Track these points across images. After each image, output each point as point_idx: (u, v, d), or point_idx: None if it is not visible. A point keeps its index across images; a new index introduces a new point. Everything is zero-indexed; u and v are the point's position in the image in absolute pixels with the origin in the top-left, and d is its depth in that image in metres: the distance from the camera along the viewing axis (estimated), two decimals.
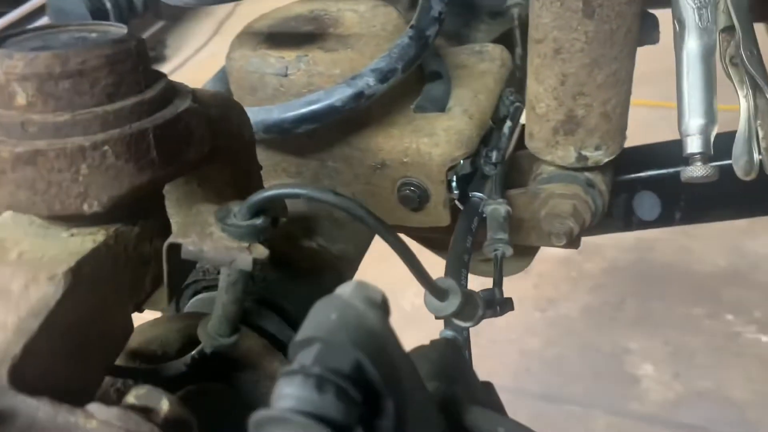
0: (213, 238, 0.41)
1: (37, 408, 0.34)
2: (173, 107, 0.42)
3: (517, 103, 0.74)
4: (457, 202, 0.70)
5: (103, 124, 0.38)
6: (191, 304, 0.62)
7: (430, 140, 0.65)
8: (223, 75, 0.72)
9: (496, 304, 0.59)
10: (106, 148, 0.38)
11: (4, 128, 0.38)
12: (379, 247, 0.75)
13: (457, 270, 0.62)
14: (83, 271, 0.39)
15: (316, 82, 0.64)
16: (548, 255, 2.78)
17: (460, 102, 0.68)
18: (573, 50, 0.62)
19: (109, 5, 0.71)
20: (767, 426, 2.10)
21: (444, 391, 0.40)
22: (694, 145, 0.57)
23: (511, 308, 0.61)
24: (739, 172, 0.57)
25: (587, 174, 0.71)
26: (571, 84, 0.64)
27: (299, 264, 0.61)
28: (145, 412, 0.35)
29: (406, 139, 0.65)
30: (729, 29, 0.56)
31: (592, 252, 2.71)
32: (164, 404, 0.36)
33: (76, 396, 0.37)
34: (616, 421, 2.25)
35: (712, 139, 0.57)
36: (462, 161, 0.67)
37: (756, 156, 0.55)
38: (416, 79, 0.71)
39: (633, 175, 0.84)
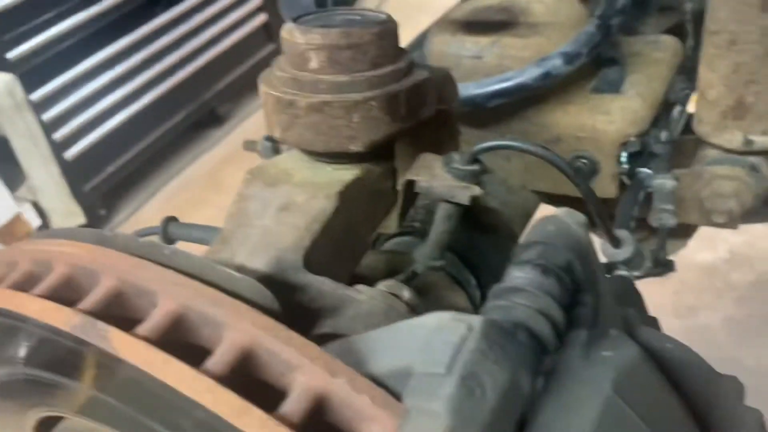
0: (440, 177, 0.53)
1: (323, 283, 0.47)
2: (415, 76, 0.54)
3: (687, 90, 0.80)
4: (623, 177, 0.77)
5: (370, 85, 0.51)
6: (390, 244, 0.74)
7: (606, 118, 0.73)
8: (419, 54, 0.84)
9: (661, 263, 0.66)
10: (372, 103, 0.50)
11: (299, 84, 0.51)
12: None
13: (627, 232, 0.70)
14: (348, 193, 0.52)
15: (506, 64, 0.74)
16: (692, 262, 2.72)
17: (634, 85, 0.76)
18: (748, 42, 0.68)
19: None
20: None
21: (620, 311, 0.49)
22: None
23: (673, 269, 0.68)
24: None
25: (751, 159, 0.76)
26: (744, 72, 0.70)
27: (481, 220, 0.72)
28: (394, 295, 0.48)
29: (583, 116, 0.74)
30: None
31: (741, 263, 2.62)
32: (406, 292, 0.49)
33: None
34: None
35: None
36: (633, 138, 0.74)
37: None
38: (593, 64, 0.79)
39: None
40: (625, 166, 0.75)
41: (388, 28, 0.52)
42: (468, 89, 0.73)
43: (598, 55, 0.80)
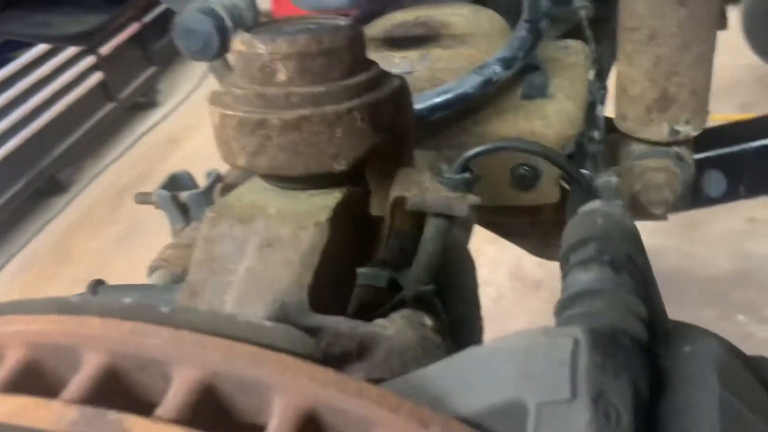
0: (432, 190, 0.48)
1: (339, 323, 0.40)
2: (391, 83, 0.49)
3: (603, 90, 0.82)
4: (562, 180, 0.76)
5: (350, 94, 0.45)
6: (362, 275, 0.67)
7: (543, 122, 0.72)
8: None
9: None
10: (355, 113, 0.45)
11: (268, 100, 0.44)
12: None
13: None
14: (337, 219, 0.45)
15: (438, 77, 0.71)
16: (557, 268, 2.86)
17: (560, 89, 0.76)
18: (667, 34, 0.70)
19: (230, 23, 0.78)
20: None
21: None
22: None
23: None
24: None
25: (675, 149, 0.79)
26: (665, 65, 0.72)
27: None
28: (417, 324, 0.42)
29: (521, 123, 0.72)
30: None
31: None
32: (427, 319, 0.43)
33: None
34: None
35: None
36: (570, 141, 0.74)
37: None
38: (517, 72, 0.78)
39: (700, 155, 0.92)
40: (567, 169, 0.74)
41: (357, 32, 0.47)
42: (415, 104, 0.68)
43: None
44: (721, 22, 0.82)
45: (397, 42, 0.75)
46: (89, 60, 3.03)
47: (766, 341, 2.40)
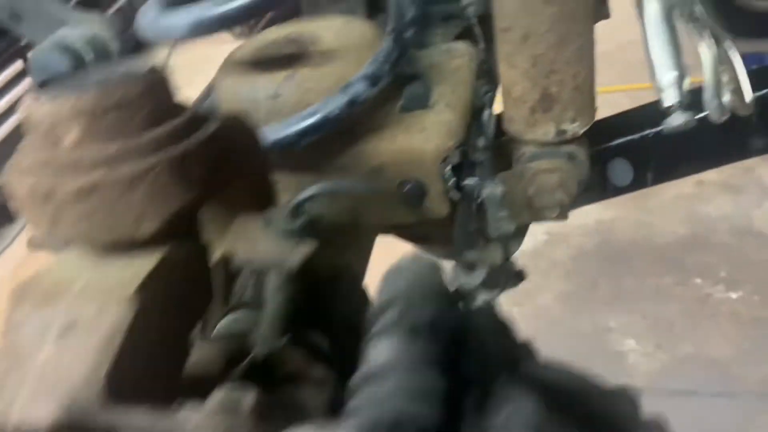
0: (262, 242, 0.44)
1: (136, 419, 0.36)
2: (206, 128, 0.45)
3: (490, 93, 0.78)
4: (452, 193, 0.73)
5: (151, 150, 0.41)
6: (222, 326, 0.63)
7: (422, 135, 0.69)
8: (209, 107, 0.74)
9: (512, 274, 0.62)
10: (157, 170, 0.40)
11: (57, 168, 0.40)
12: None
13: (463, 251, 0.66)
14: (148, 290, 0.41)
15: (308, 98, 0.67)
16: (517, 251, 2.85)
17: (441, 97, 0.73)
18: (540, 33, 0.67)
19: (90, 58, 0.73)
20: (753, 379, 2.18)
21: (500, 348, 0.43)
22: (670, 97, 0.62)
23: (524, 278, 0.65)
24: (714, 115, 0.62)
25: (566, 147, 0.76)
26: (543, 64, 0.69)
27: (318, 273, 0.64)
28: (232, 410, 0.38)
29: (399, 138, 0.69)
30: None
31: (559, 241, 2.79)
32: (249, 397, 0.39)
33: (160, 408, 0.39)
34: None
35: (685, 88, 0.62)
36: (453, 151, 0.71)
37: (726, 99, 0.61)
38: (396, 83, 0.75)
39: (603, 145, 0.90)
40: (452, 181, 0.71)
41: (157, 78, 0.43)
42: (273, 132, 0.64)
43: (399, 73, 0.75)
44: (602, 11, 0.79)
45: (264, 64, 0.70)
46: None
47: (723, 302, 2.42)
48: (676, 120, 0.62)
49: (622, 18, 0.92)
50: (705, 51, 0.61)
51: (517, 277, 0.64)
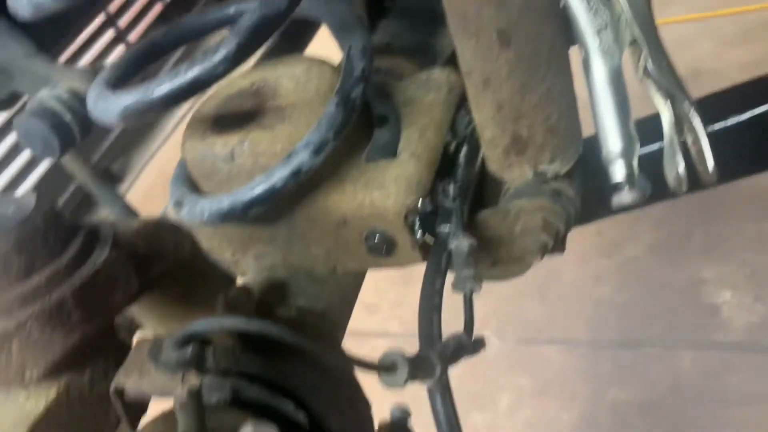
0: (150, 375, 0.45)
1: None
2: (92, 261, 0.45)
3: (473, 124, 0.74)
4: (427, 239, 0.71)
5: (22, 303, 0.42)
6: None
7: (381, 192, 0.66)
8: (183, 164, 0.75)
9: (467, 347, 0.60)
10: (29, 324, 0.42)
11: None
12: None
13: (428, 315, 0.64)
14: (42, 425, 0.43)
15: (261, 163, 0.66)
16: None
17: (408, 144, 0.69)
18: (500, 79, 0.62)
19: (68, 118, 0.75)
20: None
21: None
22: (618, 173, 0.56)
23: (483, 346, 0.62)
24: (672, 183, 0.56)
25: (552, 184, 0.70)
26: (508, 110, 0.64)
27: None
28: None
29: (359, 194, 0.67)
30: (636, 43, 0.54)
31: None
32: None
33: None
34: (701, 356, 2.21)
35: (635, 161, 0.56)
36: (420, 202, 0.68)
37: (682, 168, 0.54)
38: (366, 126, 0.72)
39: None
40: (419, 232, 0.68)
41: (33, 226, 0.43)
42: (222, 203, 0.64)
43: (369, 114, 0.72)
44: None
45: (222, 122, 0.70)
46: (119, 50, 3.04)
47: None
48: (624, 198, 0.56)
49: None
50: (663, 113, 0.54)
51: (477, 345, 0.61)
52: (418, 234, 0.68)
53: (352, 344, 0.48)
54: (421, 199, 0.68)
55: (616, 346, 2.34)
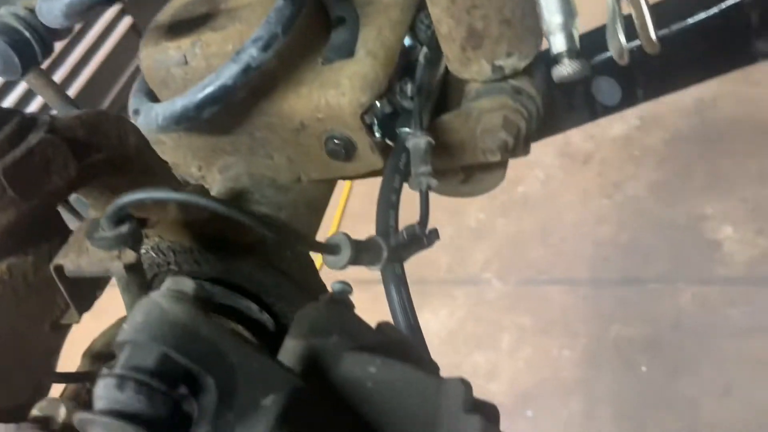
0: (88, 253, 0.46)
1: None
2: (26, 143, 0.45)
3: (433, 27, 0.72)
4: (388, 141, 0.70)
5: None
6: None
7: (336, 91, 0.65)
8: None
9: (420, 238, 0.60)
10: None
11: None
12: None
13: (386, 211, 0.64)
14: None
15: (214, 64, 0.65)
16: (606, 138, 2.70)
17: (365, 43, 0.68)
18: None
19: (28, 35, 0.74)
20: None
21: (315, 346, 0.43)
22: (558, 44, 0.55)
23: (437, 238, 0.62)
24: (615, 56, 0.54)
25: (512, 82, 0.69)
26: (461, 0, 0.63)
27: (241, 240, 0.65)
28: (46, 421, 0.41)
29: (315, 95, 0.66)
30: None
31: (652, 125, 2.61)
32: (62, 412, 0.42)
33: (11, 413, 0.43)
34: (703, 290, 2.20)
35: (575, 33, 0.55)
36: (378, 102, 0.67)
37: (623, 39, 0.53)
38: (323, 29, 0.71)
39: None
40: (379, 133, 0.68)
41: None
42: (175, 105, 0.64)
43: (326, 15, 0.71)
44: None
45: (177, 28, 0.69)
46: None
47: None
48: (563, 70, 0.54)
49: None
50: None
51: (431, 236, 0.61)
52: (377, 135, 0.68)
53: (355, 290, 0.48)
54: (378, 102, 0.67)
55: (617, 284, 2.34)
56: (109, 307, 0.61)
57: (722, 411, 1.99)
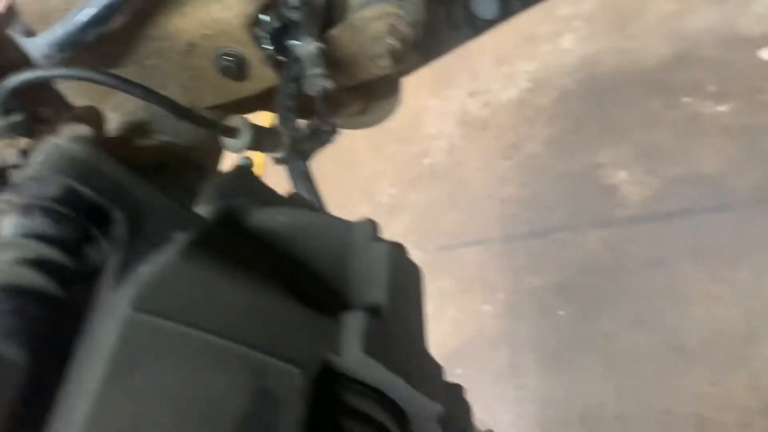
0: None
1: None
2: None
3: None
4: (281, 58, 0.71)
5: None
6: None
7: (220, 5, 0.66)
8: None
9: (321, 132, 0.62)
10: None
11: None
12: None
13: (286, 114, 0.65)
14: None
15: None
16: (501, 103, 2.80)
17: None
18: None
19: None
20: (745, 187, 2.14)
21: (225, 204, 0.44)
22: None
23: (335, 132, 0.64)
24: None
25: None
26: None
27: (140, 163, 0.64)
28: None
29: (199, 12, 0.67)
30: None
31: (542, 86, 2.72)
32: None
33: None
34: (606, 233, 2.32)
35: None
36: (266, 17, 0.68)
37: None
38: None
39: None
40: (271, 46, 0.69)
41: None
42: (56, 31, 0.63)
43: None
44: None
45: None
46: None
47: (713, 117, 2.35)
48: None
49: None
50: None
51: (329, 133, 0.63)
52: (268, 48, 0.69)
53: None
54: (266, 16, 0.68)
55: (526, 238, 2.44)
56: None
57: (636, 340, 2.10)
